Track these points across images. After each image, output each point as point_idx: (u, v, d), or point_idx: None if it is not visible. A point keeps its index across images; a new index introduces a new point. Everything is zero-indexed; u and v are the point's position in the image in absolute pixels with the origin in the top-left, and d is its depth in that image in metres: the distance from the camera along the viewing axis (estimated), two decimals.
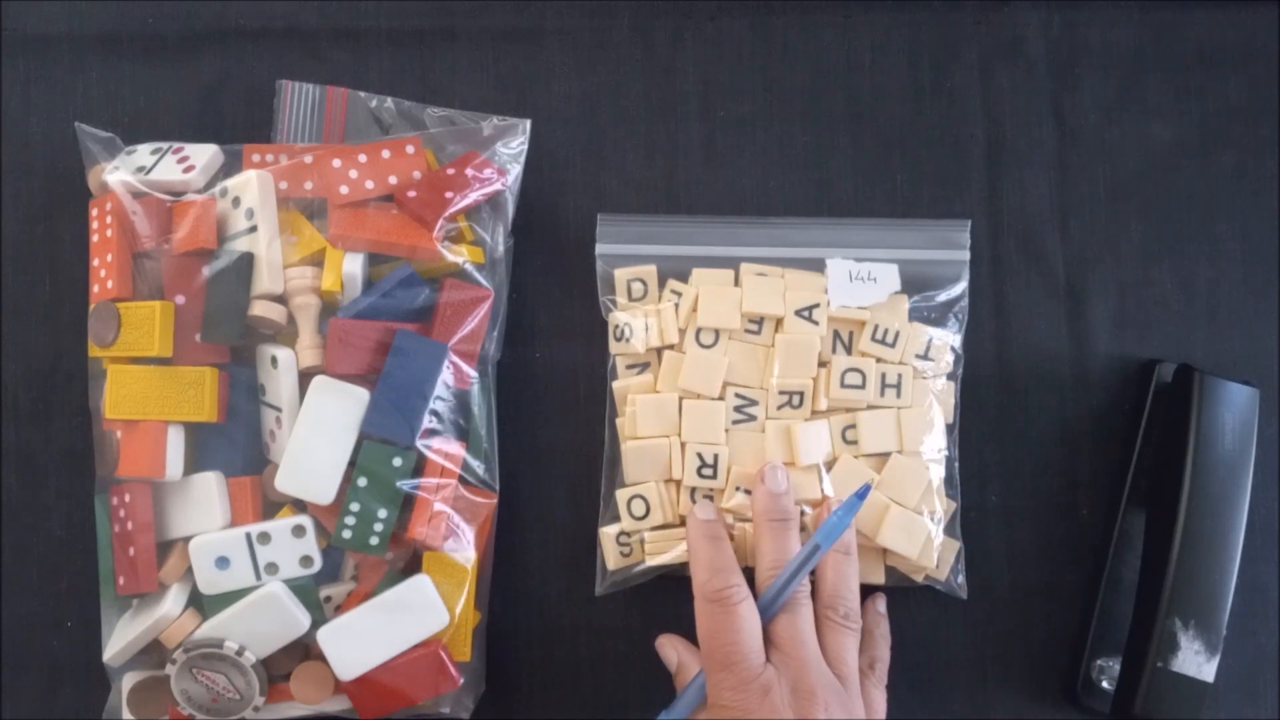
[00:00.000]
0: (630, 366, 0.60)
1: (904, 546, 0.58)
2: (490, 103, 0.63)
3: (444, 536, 0.57)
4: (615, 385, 0.60)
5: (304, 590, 0.56)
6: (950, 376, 0.60)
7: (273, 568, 0.56)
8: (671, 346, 0.60)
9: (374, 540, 0.56)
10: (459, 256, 0.58)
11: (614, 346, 0.60)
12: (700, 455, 0.58)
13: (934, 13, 0.64)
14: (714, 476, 0.58)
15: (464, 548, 0.57)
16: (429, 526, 0.56)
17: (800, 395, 0.59)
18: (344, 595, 0.58)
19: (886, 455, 0.58)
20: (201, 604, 0.56)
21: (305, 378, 0.56)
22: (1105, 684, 0.59)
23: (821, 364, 0.59)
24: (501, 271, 0.60)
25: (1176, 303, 0.63)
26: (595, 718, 0.61)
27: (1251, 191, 0.64)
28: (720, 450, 0.58)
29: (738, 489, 0.58)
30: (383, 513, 0.56)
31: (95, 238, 0.58)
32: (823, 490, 0.58)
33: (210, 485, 0.56)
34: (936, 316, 0.60)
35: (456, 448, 0.58)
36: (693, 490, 0.58)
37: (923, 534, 0.58)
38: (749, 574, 0.56)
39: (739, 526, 0.58)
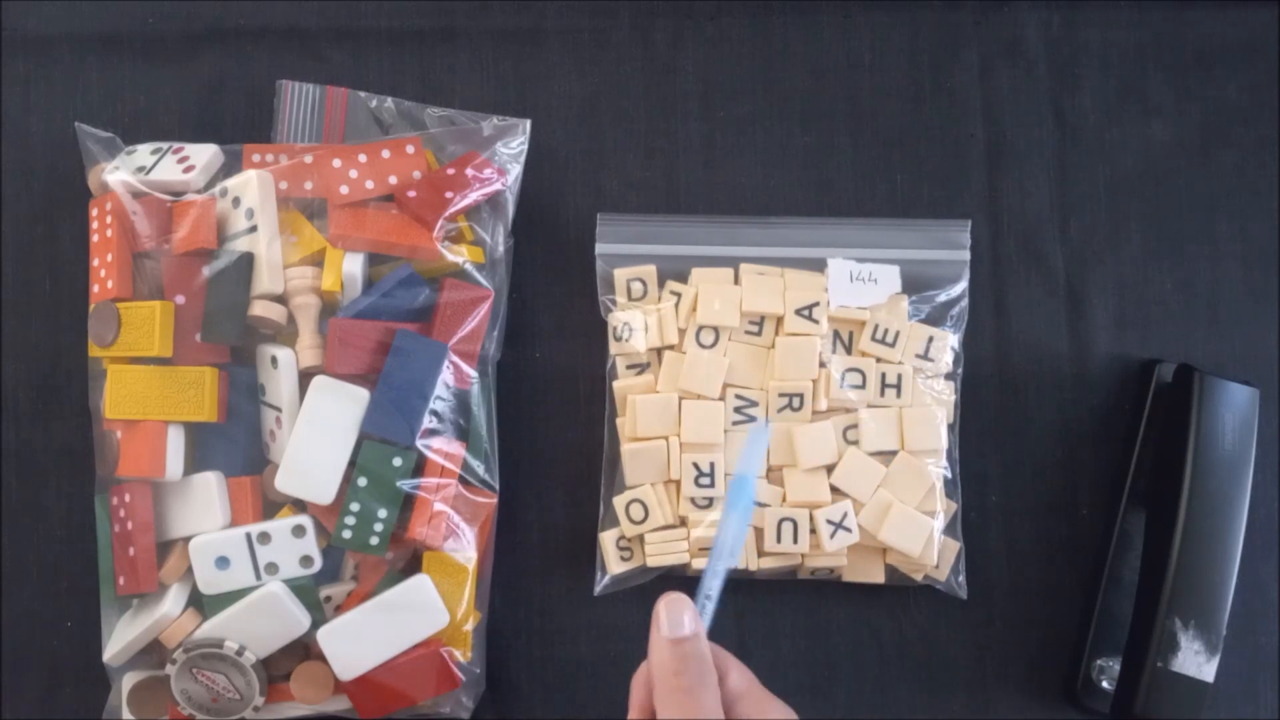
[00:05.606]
0: (630, 366, 0.60)
1: (907, 544, 0.57)
2: (490, 103, 0.63)
3: (444, 536, 0.57)
4: (615, 385, 0.60)
5: (304, 590, 0.56)
6: (950, 376, 0.60)
7: (273, 568, 0.56)
8: (671, 346, 0.60)
9: (374, 540, 0.56)
10: (459, 256, 0.58)
11: (614, 346, 0.60)
12: (696, 465, 0.58)
13: (934, 13, 0.64)
14: (712, 485, 0.58)
15: (464, 548, 0.57)
16: (429, 526, 0.56)
17: (800, 398, 0.59)
18: (344, 595, 0.58)
19: (889, 453, 0.59)
20: (201, 604, 0.56)
21: (305, 378, 0.56)
22: (1105, 684, 0.59)
23: (821, 364, 0.59)
24: (501, 271, 0.60)
25: (1176, 303, 0.63)
26: (595, 718, 0.61)
27: (1251, 191, 0.64)
28: (717, 458, 0.58)
29: None
30: (383, 513, 0.56)
31: (95, 238, 0.58)
32: (830, 491, 0.58)
33: (210, 485, 0.56)
34: (936, 316, 0.60)
35: (456, 448, 0.58)
36: (692, 499, 0.58)
37: (925, 532, 0.58)
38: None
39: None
